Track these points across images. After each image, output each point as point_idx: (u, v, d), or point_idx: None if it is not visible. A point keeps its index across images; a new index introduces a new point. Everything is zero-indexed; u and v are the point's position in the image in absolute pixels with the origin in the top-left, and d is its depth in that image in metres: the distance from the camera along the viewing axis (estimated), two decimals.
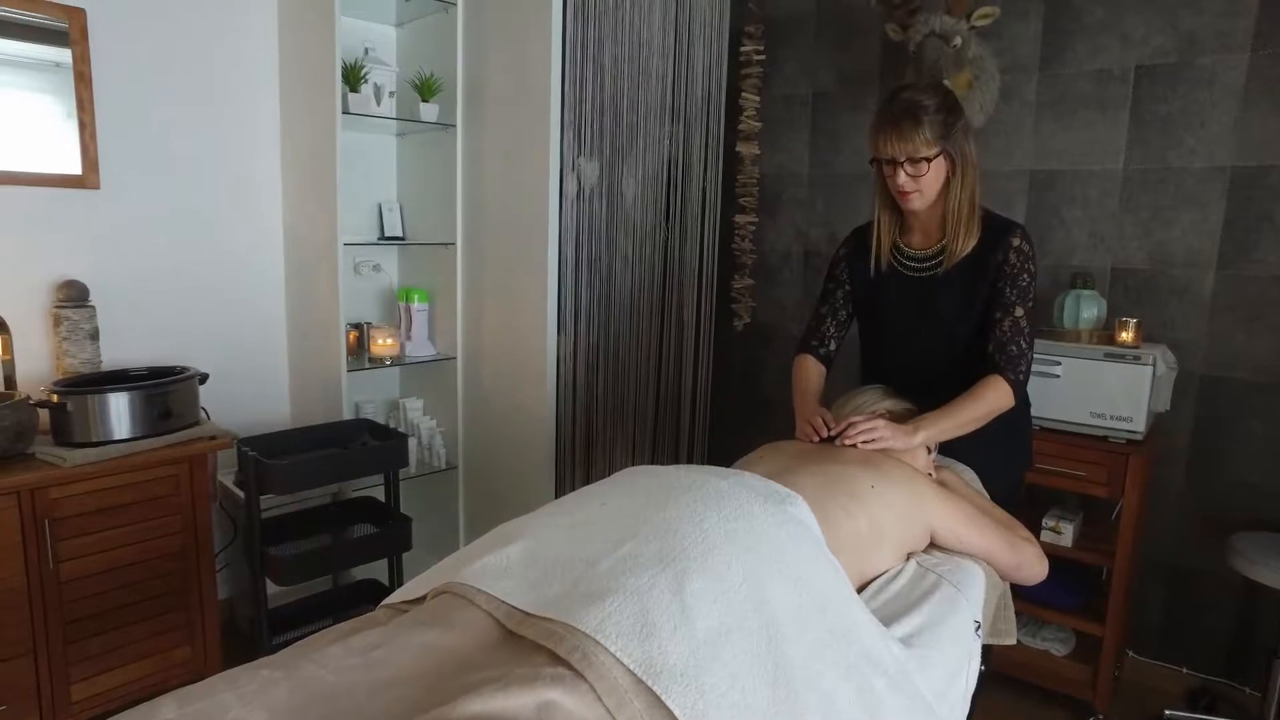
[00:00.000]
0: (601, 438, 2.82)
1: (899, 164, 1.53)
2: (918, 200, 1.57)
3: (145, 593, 2.06)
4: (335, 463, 2.20)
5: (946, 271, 1.62)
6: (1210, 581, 2.34)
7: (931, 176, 1.53)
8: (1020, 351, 1.55)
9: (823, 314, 1.83)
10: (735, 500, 1.06)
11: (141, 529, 2.03)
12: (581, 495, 1.18)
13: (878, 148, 1.56)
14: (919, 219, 1.65)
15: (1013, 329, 1.55)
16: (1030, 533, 1.46)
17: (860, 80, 2.83)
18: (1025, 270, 1.57)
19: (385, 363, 2.67)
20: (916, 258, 1.68)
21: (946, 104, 1.53)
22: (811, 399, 1.72)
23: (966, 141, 1.56)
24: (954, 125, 1.53)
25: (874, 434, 1.44)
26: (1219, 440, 2.30)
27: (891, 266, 1.71)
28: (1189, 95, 2.24)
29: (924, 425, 1.48)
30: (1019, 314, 1.56)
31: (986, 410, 1.51)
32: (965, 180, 1.57)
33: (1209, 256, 2.26)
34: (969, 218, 1.58)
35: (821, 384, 1.79)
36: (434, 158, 2.78)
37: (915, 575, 1.25)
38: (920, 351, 1.70)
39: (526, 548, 1.02)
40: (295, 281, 2.65)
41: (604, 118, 2.66)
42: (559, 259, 2.53)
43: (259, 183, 2.62)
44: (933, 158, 1.51)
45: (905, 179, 1.54)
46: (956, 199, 1.57)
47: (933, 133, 1.50)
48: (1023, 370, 1.55)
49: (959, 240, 1.59)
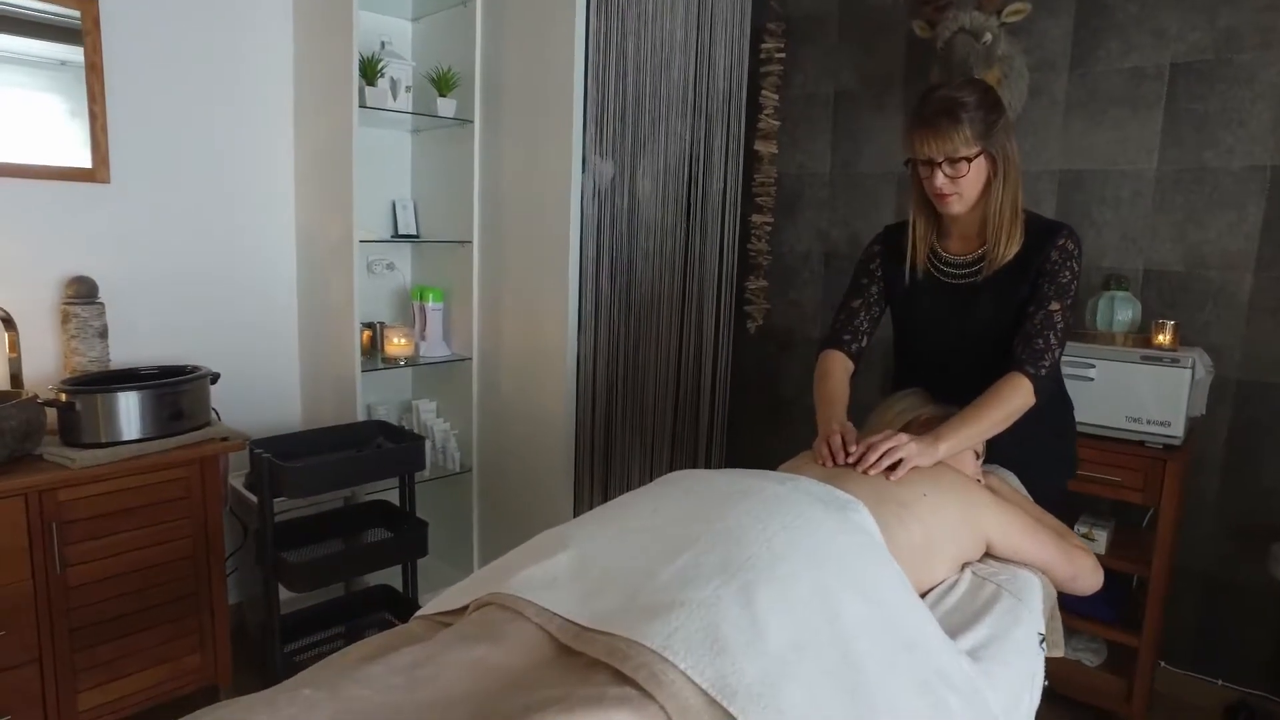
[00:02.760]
0: (620, 440, 2.76)
1: (937, 165, 1.45)
2: (957, 203, 1.48)
3: (155, 598, 1.99)
4: (351, 466, 2.14)
5: (987, 279, 1.54)
6: (1248, 591, 2.28)
7: (972, 178, 1.45)
8: (1047, 346, 1.45)
9: (855, 308, 1.71)
10: (796, 506, 1.01)
11: (151, 533, 1.97)
12: (628, 501, 1.12)
13: (914, 147, 1.48)
14: (958, 223, 1.57)
15: (1044, 322, 1.46)
16: (1082, 540, 1.40)
17: (883, 80, 2.78)
18: (1067, 268, 1.49)
19: (399, 363, 2.61)
20: (955, 264, 1.60)
21: (987, 100, 1.46)
22: (838, 407, 1.56)
23: (1009, 141, 1.48)
24: (995, 123, 1.45)
25: (897, 455, 1.31)
26: (1256, 446, 2.24)
27: (928, 273, 1.63)
28: (1227, 93, 2.19)
29: (944, 435, 1.36)
30: (1054, 308, 1.47)
31: (1006, 413, 1.41)
32: (1008, 182, 1.48)
33: (1247, 258, 2.21)
34: (1011, 222, 1.50)
35: (848, 387, 1.66)
36: (450, 154, 2.72)
37: (973, 585, 1.19)
38: (959, 360, 1.63)
39: (575, 556, 0.96)
40: (308, 280, 2.60)
41: (625, 114, 2.61)
42: (579, 256, 2.47)
43: (273, 178, 2.56)
44: (973, 158, 1.43)
45: (943, 180, 1.45)
46: (998, 202, 1.48)
47: (973, 131, 1.41)
48: (1045, 366, 1.44)
49: (1001, 246, 1.50)
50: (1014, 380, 1.43)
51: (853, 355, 1.69)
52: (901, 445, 1.32)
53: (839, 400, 1.58)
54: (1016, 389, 1.42)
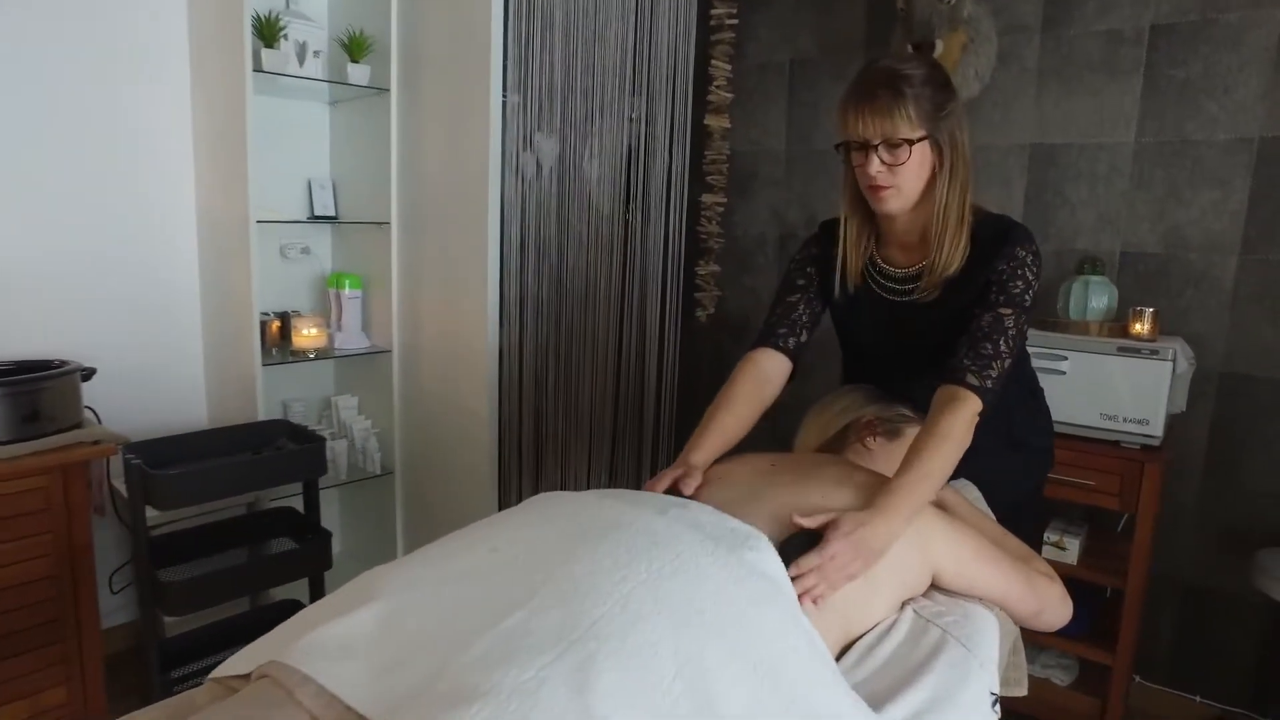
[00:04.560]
0: (554, 440, 2.54)
1: (872, 148, 1.20)
2: (894, 199, 1.24)
3: (9, 625, 1.75)
4: (238, 472, 1.90)
5: (931, 297, 1.30)
6: (1228, 601, 2.10)
7: (912, 168, 1.20)
8: (995, 352, 1.19)
9: (792, 302, 1.44)
10: (673, 545, 0.79)
11: (2, 551, 1.72)
12: (474, 533, 0.89)
13: (846, 125, 1.22)
14: (896, 228, 1.32)
15: (993, 325, 1.21)
16: (1049, 566, 1.20)
17: (843, 46, 2.56)
18: (1020, 276, 1.24)
19: (309, 356, 2.37)
20: (895, 278, 1.35)
21: (936, 78, 1.22)
22: (709, 437, 1.27)
23: (960, 130, 1.23)
24: (945, 106, 1.21)
25: (827, 584, 0.94)
26: (1239, 445, 2.05)
27: (866, 285, 1.38)
28: (1211, 57, 1.98)
29: (894, 504, 1.02)
30: (1004, 312, 1.22)
31: (959, 443, 1.13)
32: (954, 178, 1.23)
33: (1231, 240, 2.01)
34: (958, 226, 1.25)
35: (754, 401, 1.35)
36: (367, 127, 2.48)
37: (913, 630, 0.98)
38: (907, 378, 1.39)
39: (383, 612, 0.73)
40: (211, 265, 2.34)
41: (557, 87, 2.38)
42: (501, 241, 2.25)
43: (169, 153, 2.29)
44: (915, 141, 1.18)
45: (879, 169, 1.20)
46: (942, 202, 1.24)
47: (918, 110, 1.17)
48: (992, 377, 1.17)
49: (943, 253, 1.26)
50: (958, 402, 1.15)
51: (790, 351, 1.41)
52: (828, 571, 0.94)
53: (716, 427, 1.29)
54: (961, 411, 1.14)
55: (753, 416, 1.34)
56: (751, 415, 1.34)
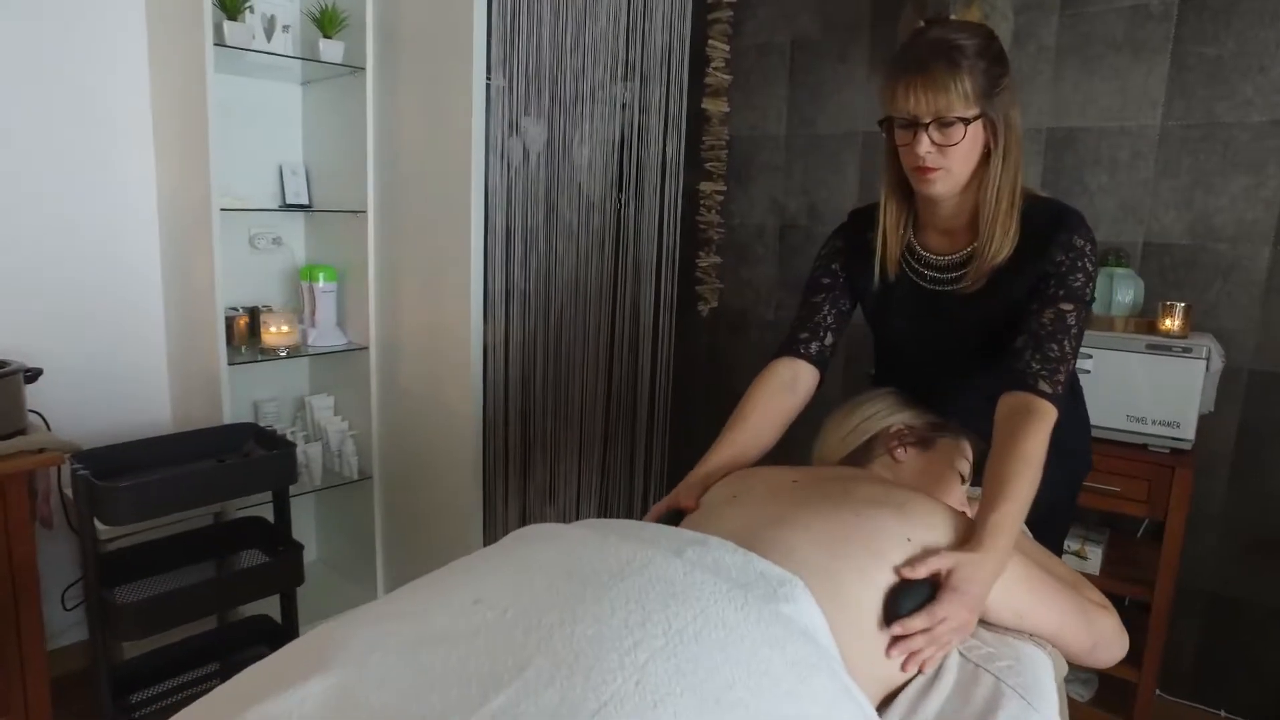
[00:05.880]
0: (543, 442, 2.40)
1: (922, 127, 1.09)
2: (942, 182, 1.13)
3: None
4: (197, 482, 1.74)
5: (977, 286, 1.19)
6: (1256, 611, 1.99)
7: (964, 150, 1.10)
8: (1061, 354, 1.10)
9: (816, 303, 1.33)
10: (696, 598, 0.65)
11: None
12: (454, 578, 0.74)
13: (895, 100, 1.10)
14: (939, 211, 1.21)
15: (1055, 322, 1.11)
16: (1102, 594, 1.07)
17: (848, 27, 2.42)
18: (1081, 269, 1.14)
19: (280, 354, 2.21)
20: (936, 265, 1.24)
21: (991, 51, 1.10)
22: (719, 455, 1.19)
23: (1014, 107, 1.12)
24: (1000, 80, 1.09)
25: (936, 647, 0.86)
26: (1269, 447, 1.94)
27: (902, 275, 1.27)
28: (1245, 34, 1.86)
29: (993, 532, 0.92)
30: (1066, 309, 1.12)
31: (1041, 465, 1.02)
32: (1008, 159, 1.13)
33: (1265, 229, 1.89)
34: (1009, 211, 1.15)
35: (775, 416, 1.26)
36: (342, 109, 2.32)
37: (963, 678, 0.84)
38: (947, 380, 1.28)
39: (341, 687, 0.59)
40: (172, 256, 2.18)
41: (545, 68, 2.24)
42: (486, 231, 2.10)
43: (126, 134, 2.12)
44: (970, 120, 1.07)
45: (929, 149, 1.09)
46: (995, 185, 1.13)
47: (973, 85, 1.06)
48: (1061, 382, 1.09)
49: (994, 242, 1.15)
50: (1035, 415, 1.05)
51: (813, 358, 1.30)
52: (943, 627, 0.85)
53: (726, 441, 1.20)
54: (1041, 428, 1.04)
55: (771, 429, 1.24)
56: (770, 427, 1.24)
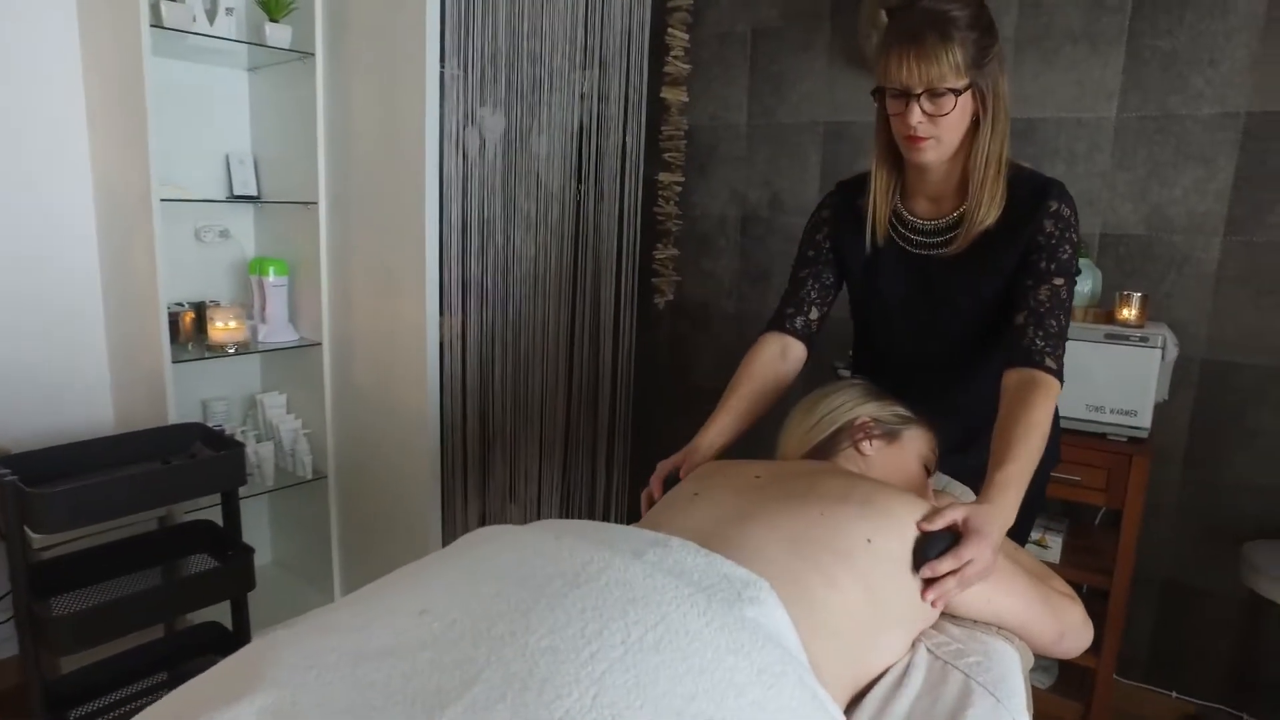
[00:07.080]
0: (502, 438, 2.35)
1: (914, 97, 1.11)
2: (933, 150, 1.16)
3: None
4: (137, 486, 1.66)
5: (962, 249, 1.22)
6: (1208, 596, 2.03)
7: (954, 119, 1.13)
8: (1059, 329, 1.16)
9: (801, 277, 1.39)
10: (657, 603, 0.62)
11: None
12: (399, 586, 0.70)
13: (889, 71, 1.13)
14: (928, 178, 1.24)
15: (1051, 298, 1.16)
16: (1068, 585, 1.06)
17: (809, 15, 2.40)
18: (1068, 240, 1.18)
19: (229, 351, 2.13)
20: (923, 230, 1.27)
21: (982, 19, 1.12)
22: (722, 419, 1.28)
23: (1001, 76, 1.15)
24: (989, 50, 1.12)
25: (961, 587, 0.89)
26: (1222, 435, 1.98)
27: (890, 239, 1.30)
28: (1197, 26, 1.88)
29: (1001, 487, 0.98)
30: (1058, 283, 1.17)
31: (1046, 435, 1.07)
32: (996, 128, 1.16)
33: (1216, 220, 1.92)
34: (995, 178, 1.18)
35: (769, 382, 1.33)
36: (291, 97, 2.24)
37: (931, 675, 0.83)
38: (928, 348, 1.33)
39: (275, 706, 0.55)
40: (111, 250, 2.09)
41: (502, 55, 2.19)
42: (441, 223, 2.05)
43: (59, 121, 2.03)
44: (961, 90, 1.10)
45: (920, 119, 1.12)
46: (983, 152, 1.16)
47: (964, 56, 1.09)
48: (1062, 356, 1.15)
49: (982, 207, 1.18)
50: (1041, 387, 1.11)
51: (798, 332, 1.36)
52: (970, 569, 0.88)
53: (727, 409, 1.29)
54: (1048, 398, 1.10)
55: (767, 395, 1.32)
56: (766, 393, 1.32)
